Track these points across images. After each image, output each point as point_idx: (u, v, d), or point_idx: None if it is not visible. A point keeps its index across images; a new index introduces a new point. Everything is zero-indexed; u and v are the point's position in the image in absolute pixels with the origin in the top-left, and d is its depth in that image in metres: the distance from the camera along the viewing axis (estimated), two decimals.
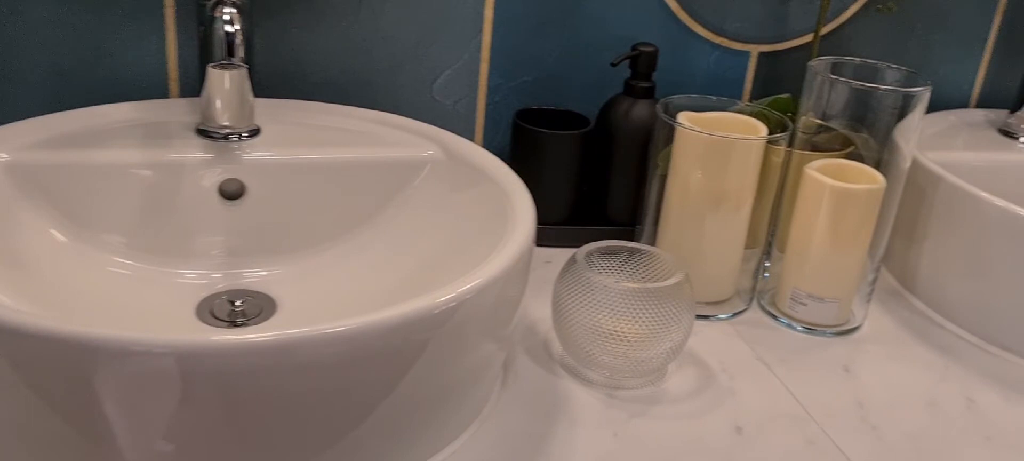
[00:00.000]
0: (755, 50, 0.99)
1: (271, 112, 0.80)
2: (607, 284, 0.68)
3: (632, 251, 0.74)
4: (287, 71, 0.86)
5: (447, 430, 0.62)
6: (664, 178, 0.81)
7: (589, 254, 0.72)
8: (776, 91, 1.00)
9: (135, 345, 0.48)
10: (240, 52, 0.64)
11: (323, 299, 0.72)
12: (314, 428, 0.53)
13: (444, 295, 0.55)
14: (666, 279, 0.69)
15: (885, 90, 0.77)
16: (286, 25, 0.85)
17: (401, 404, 0.56)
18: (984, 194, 0.79)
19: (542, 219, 0.89)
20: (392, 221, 0.76)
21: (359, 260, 0.75)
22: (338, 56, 0.87)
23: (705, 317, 0.81)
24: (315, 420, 0.53)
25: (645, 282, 0.72)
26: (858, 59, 0.83)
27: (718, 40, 0.97)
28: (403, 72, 0.90)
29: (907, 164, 0.79)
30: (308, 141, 0.77)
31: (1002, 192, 0.81)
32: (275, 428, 0.52)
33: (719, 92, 0.99)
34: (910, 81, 0.79)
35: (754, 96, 1.01)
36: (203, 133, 0.75)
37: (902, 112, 0.77)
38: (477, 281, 0.57)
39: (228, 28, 0.64)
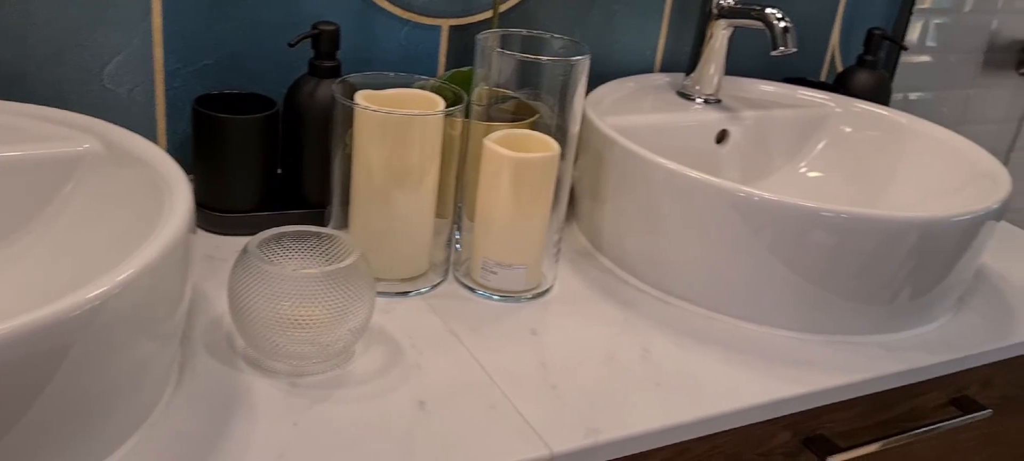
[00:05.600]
0: (446, 24, 1.00)
1: None
2: (278, 272, 0.66)
3: (310, 234, 0.72)
4: None
5: (103, 441, 0.58)
6: (351, 158, 0.80)
7: (263, 243, 0.69)
8: (470, 64, 1.01)
9: None
10: None
11: None
12: None
13: (84, 294, 0.51)
14: (342, 261, 0.68)
15: (546, 60, 0.79)
16: None
17: (44, 420, 0.52)
18: (652, 156, 0.83)
19: (232, 206, 0.86)
20: (50, 224, 0.70)
21: (14, 270, 0.69)
22: None
23: (404, 294, 0.81)
24: None
25: (323, 265, 0.71)
26: (525, 31, 0.85)
27: (406, 15, 0.97)
28: (65, 61, 0.83)
29: (576, 129, 0.83)
30: None
31: (679, 150, 0.86)
32: None
33: (414, 68, 1.00)
34: (572, 51, 0.82)
35: (449, 70, 1.02)
36: None
37: (570, 81, 0.80)
38: (122, 276, 0.53)
39: None
